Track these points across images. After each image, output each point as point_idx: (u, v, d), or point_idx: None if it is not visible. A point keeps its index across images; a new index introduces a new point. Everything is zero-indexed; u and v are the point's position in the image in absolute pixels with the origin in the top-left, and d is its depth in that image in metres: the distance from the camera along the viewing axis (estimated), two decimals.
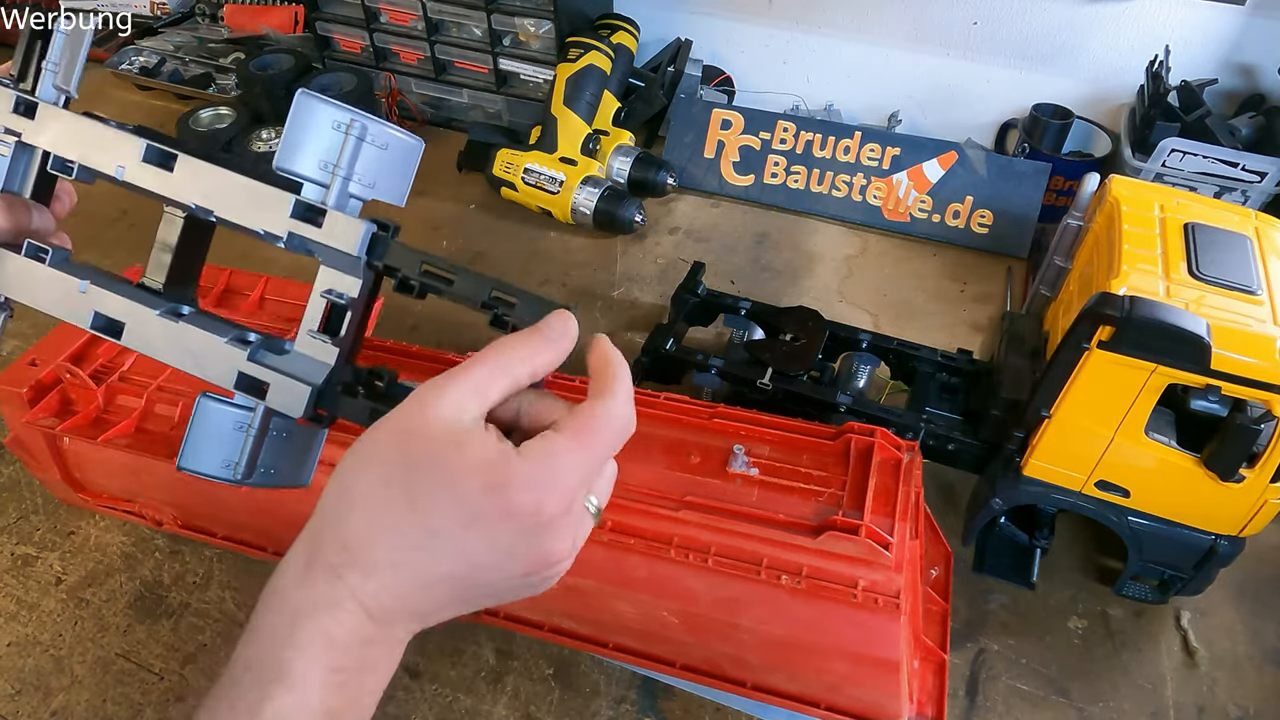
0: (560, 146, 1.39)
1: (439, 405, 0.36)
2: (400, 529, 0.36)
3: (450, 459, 0.35)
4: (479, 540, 0.36)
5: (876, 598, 0.67)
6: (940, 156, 1.40)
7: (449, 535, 0.36)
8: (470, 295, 0.41)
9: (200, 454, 0.42)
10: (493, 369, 0.38)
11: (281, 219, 0.41)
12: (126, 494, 0.93)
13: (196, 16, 1.94)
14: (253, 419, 0.42)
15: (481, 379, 0.37)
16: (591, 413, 0.38)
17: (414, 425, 0.36)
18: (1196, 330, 0.69)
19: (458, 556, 0.36)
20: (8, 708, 0.82)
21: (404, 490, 0.36)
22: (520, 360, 0.39)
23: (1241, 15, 1.29)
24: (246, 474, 0.42)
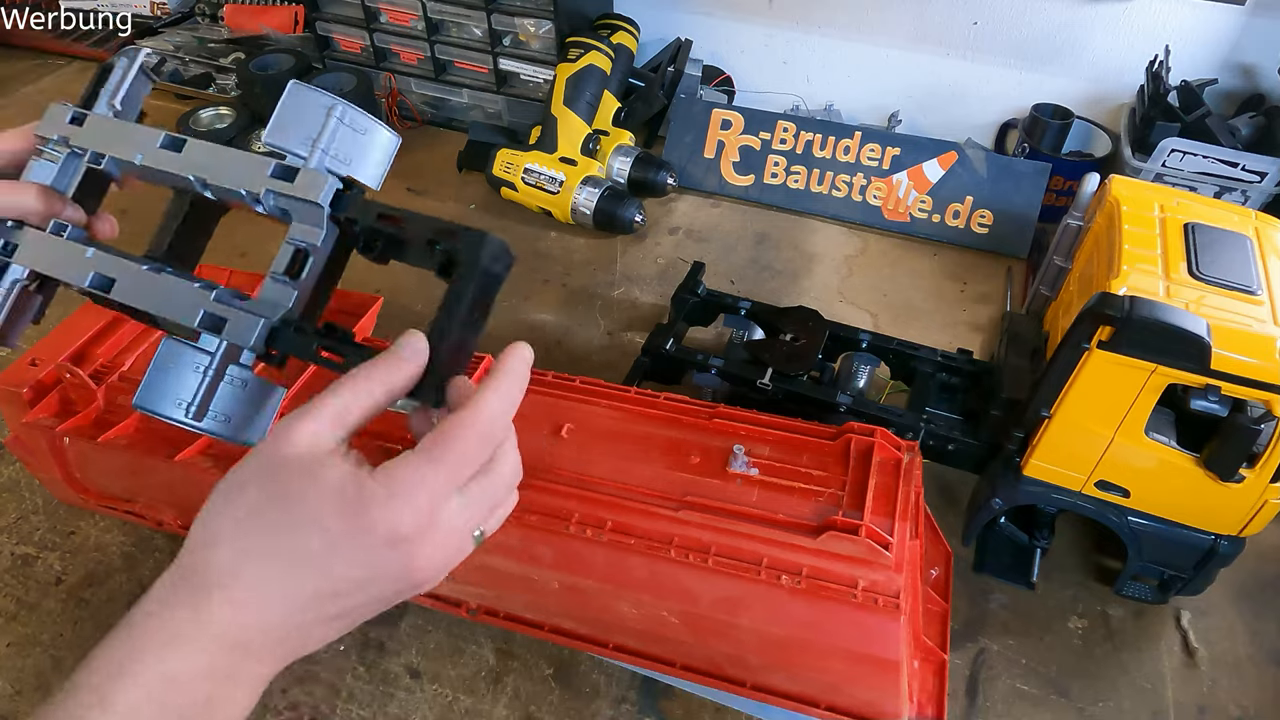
0: (560, 146, 1.39)
1: (298, 436, 0.37)
2: (266, 557, 0.37)
3: (308, 487, 0.37)
4: (342, 561, 0.37)
5: (876, 598, 0.67)
6: (940, 156, 1.40)
7: (313, 559, 0.37)
8: (417, 235, 0.43)
9: (156, 393, 0.43)
10: (347, 397, 0.39)
11: (262, 179, 0.45)
12: (126, 494, 0.93)
13: (196, 16, 1.94)
14: (211, 360, 0.43)
15: (337, 407, 0.38)
16: (444, 428, 0.39)
17: (275, 458, 0.37)
18: (1196, 330, 0.69)
19: (323, 578, 0.37)
20: (8, 708, 0.82)
21: (269, 520, 0.37)
22: (376, 383, 0.39)
23: (1241, 15, 1.29)
24: (198, 415, 0.43)
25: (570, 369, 0.88)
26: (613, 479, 0.76)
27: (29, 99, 1.82)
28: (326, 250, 0.45)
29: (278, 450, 0.38)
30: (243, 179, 0.45)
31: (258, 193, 0.45)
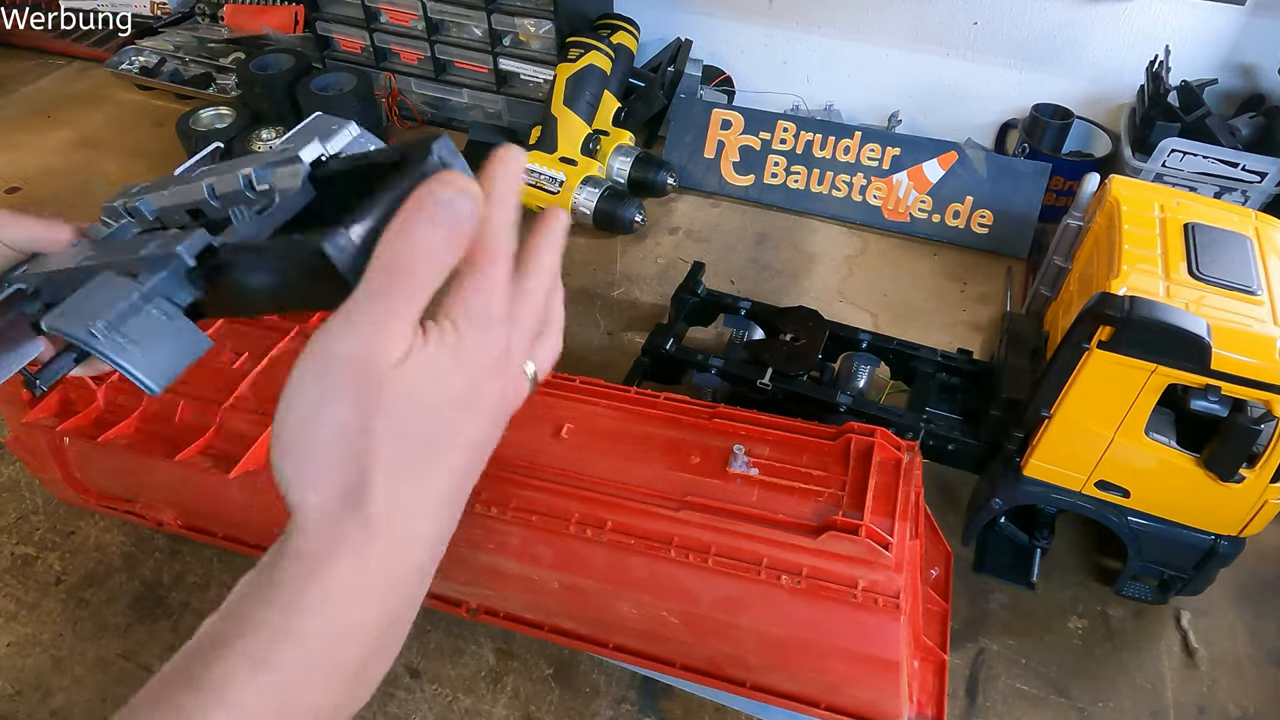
0: (560, 146, 1.39)
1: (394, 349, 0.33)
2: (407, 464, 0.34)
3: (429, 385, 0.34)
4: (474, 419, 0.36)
5: (876, 598, 0.67)
6: (940, 156, 1.40)
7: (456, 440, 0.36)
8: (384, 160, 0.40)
9: (70, 314, 0.39)
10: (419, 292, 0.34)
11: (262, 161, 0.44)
12: (126, 494, 0.93)
13: (196, 16, 1.94)
14: (141, 286, 0.40)
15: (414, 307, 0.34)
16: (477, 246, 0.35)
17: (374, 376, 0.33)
18: (1196, 330, 0.69)
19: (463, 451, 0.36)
20: (8, 708, 0.82)
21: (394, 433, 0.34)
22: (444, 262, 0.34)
23: (1241, 15, 1.29)
24: (104, 333, 0.38)
25: (570, 369, 0.88)
26: (613, 479, 0.76)
27: (29, 99, 1.82)
28: (297, 203, 0.42)
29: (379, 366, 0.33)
30: (242, 166, 0.45)
31: (250, 173, 0.44)
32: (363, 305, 0.33)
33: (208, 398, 0.84)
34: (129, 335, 0.39)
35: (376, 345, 0.33)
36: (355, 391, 0.33)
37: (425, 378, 0.34)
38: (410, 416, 0.34)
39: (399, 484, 0.34)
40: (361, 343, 0.33)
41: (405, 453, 0.34)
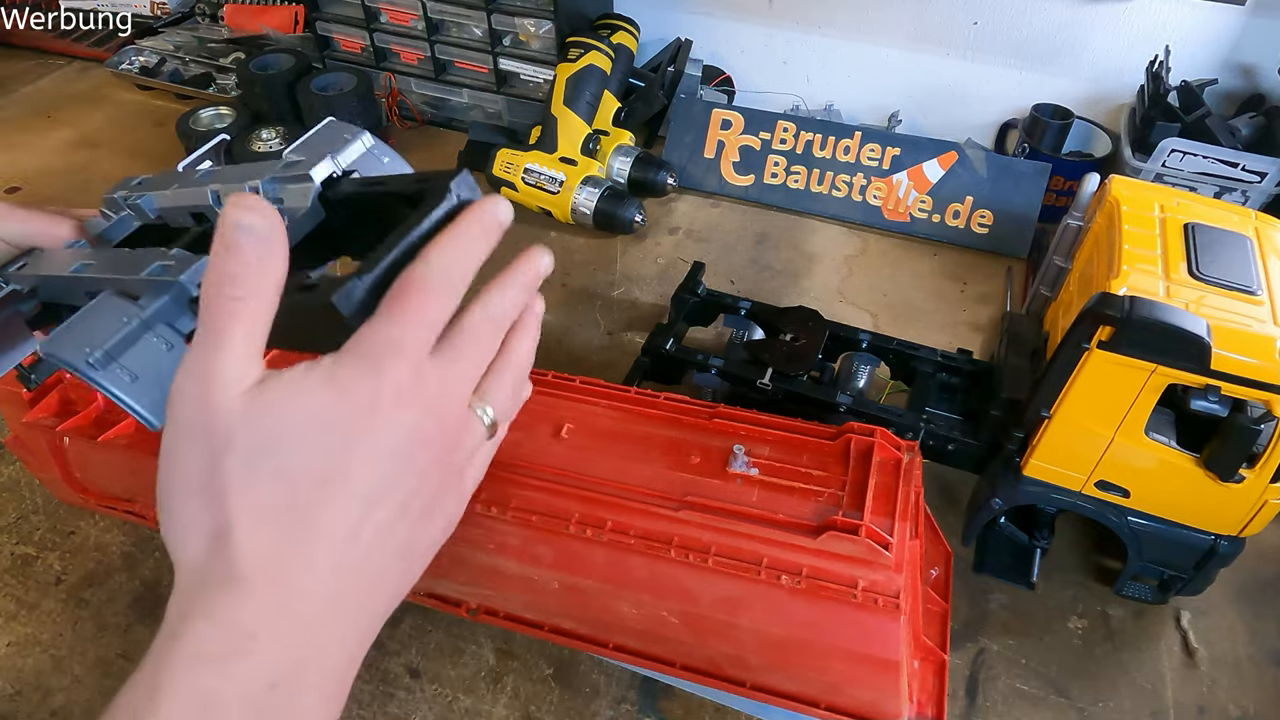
0: (560, 146, 1.39)
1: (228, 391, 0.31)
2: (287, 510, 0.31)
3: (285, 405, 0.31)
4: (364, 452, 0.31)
5: (876, 598, 0.67)
6: (940, 156, 1.40)
7: (336, 471, 0.31)
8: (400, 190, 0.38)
9: (67, 340, 0.37)
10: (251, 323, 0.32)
11: (268, 172, 0.42)
12: (126, 494, 0.93)
13: (196, 16, 1.94)
14: (143, 310, 0.38)
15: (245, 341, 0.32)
16: (403, 283, 0.32)
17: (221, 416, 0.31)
18: (1196, 330, 0.69)
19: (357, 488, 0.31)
20: (8, 708, 0.82)
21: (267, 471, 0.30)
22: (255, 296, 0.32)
23: (1241, 15, 1.29)
24: (101, 363, 0.36)
25: (570, 369, 0.88)
26: (613, 479, 0.76)
27: (29, 99, 1.82)
28: (306, 225, 0.41)
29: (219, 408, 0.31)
30: (251, 177, 0.44)
31: (258, 185, 0.43)
32: (197, 338, 0.32)
33: None
34: (128, 365, 0.37)
35: (212, 375, 0.31)
36: (199, 428, 0.31)
37: (284, 407, 0.31)
38: (268, 450, 0.31)
39: (268, 530, 0.30)
40: (197, 374, 0.31)
41: (272, 493, 0.31)
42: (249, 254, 0.31)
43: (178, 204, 0.47)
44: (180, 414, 0.32)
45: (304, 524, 0.31)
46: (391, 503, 0.33)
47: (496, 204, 0.35)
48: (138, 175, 0.51)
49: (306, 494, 0.31)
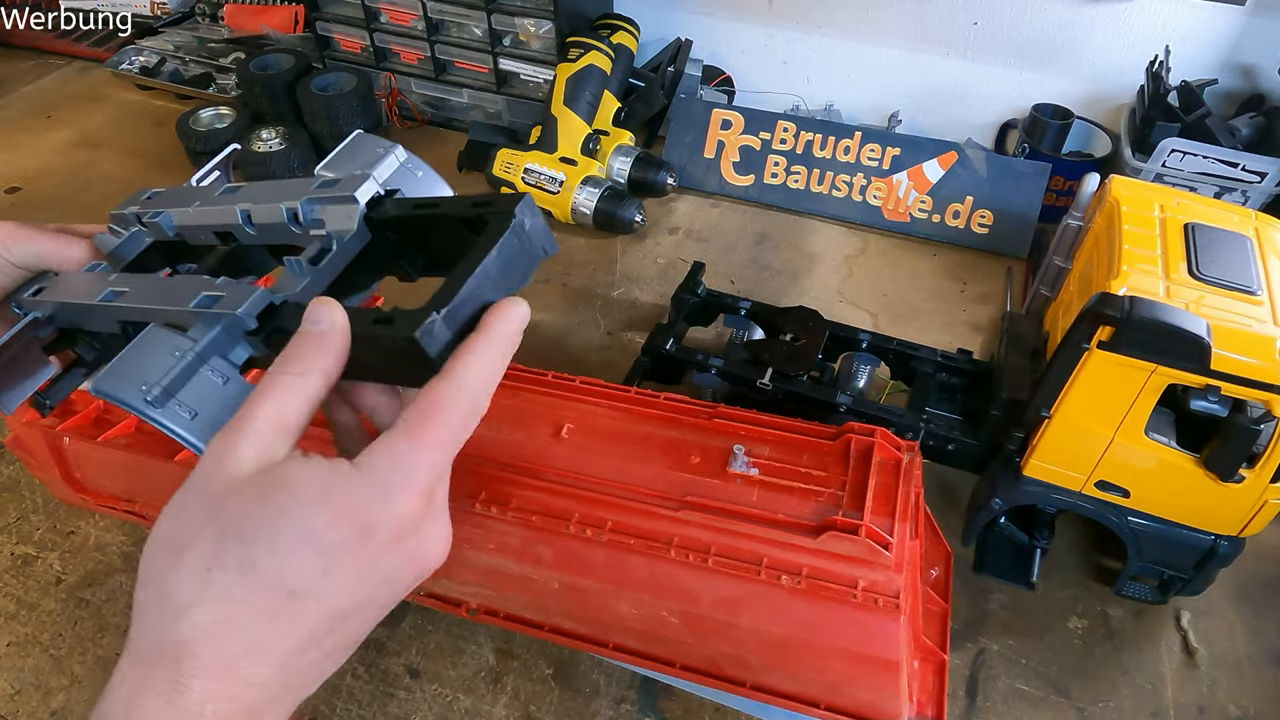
0: (560, 146, 1.39)
1: (240, 457, 0.32)
2: (249, 604, 0.30)
3: (281, 503, 0.31)
4: (347, 577, 0.32)
5: (876, 598, 0.67)
6: (940, 156, 1.40)
7: (309, 588, 0.31)
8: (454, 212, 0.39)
9: (119, 376, 0.37)
10: (278, 396, 0.33)
11: (304, 192, 0.42)
12: (126, 494, 0.93)
13: (196, 16, 1.94)
14: (195, 345, 0.37)
15: (272, 411, 0.33)
16: (428, 404, 0.33)
17: (223, 487, 0.31)
18: (1196, 330, 0.69)
19: (324, 608, 0.32)
20: (8, 708, 0.82)
21: (238, 561, 0.30)
22: (305, 375, 0.34)
23: (1241, 15, 1.29)
24: (159, 400, 0.36)
25: (570, 369, 0.88)
26: (613, 479, 0.76)
27: (29, 99, 1.82)
28: (353, 249, 0.41)
29: (222, 477, 0.32)
30: (285, 196, 0.42)
31: (296, 206, 0.42)
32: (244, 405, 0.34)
33: None
34: (186, 401, 0.37)
35: (236, 438, 0.32)
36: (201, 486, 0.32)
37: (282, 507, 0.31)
38: (248, 542, 0.31)
39: (223, 618, 0.30)
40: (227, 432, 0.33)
41: (238, 584, 0.31)
42: (311, 342, 0.34)
43: (201, 222, 0.46)
44: (197, 469, 0.33)
45: (260, 624, 0.31)
46: (351, 621, 0.33)
47: (520, 308, 0.36)
48: (147, 189, 0.50)
49: (271, 599, 0.31)
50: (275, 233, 0.43)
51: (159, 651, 0.31)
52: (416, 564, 0.34)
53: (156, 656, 0.31)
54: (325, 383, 0.34)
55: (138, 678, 0.30)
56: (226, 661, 0.30)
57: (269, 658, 0.31)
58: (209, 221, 0.46)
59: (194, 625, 0.30)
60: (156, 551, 0.32)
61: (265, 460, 0.32)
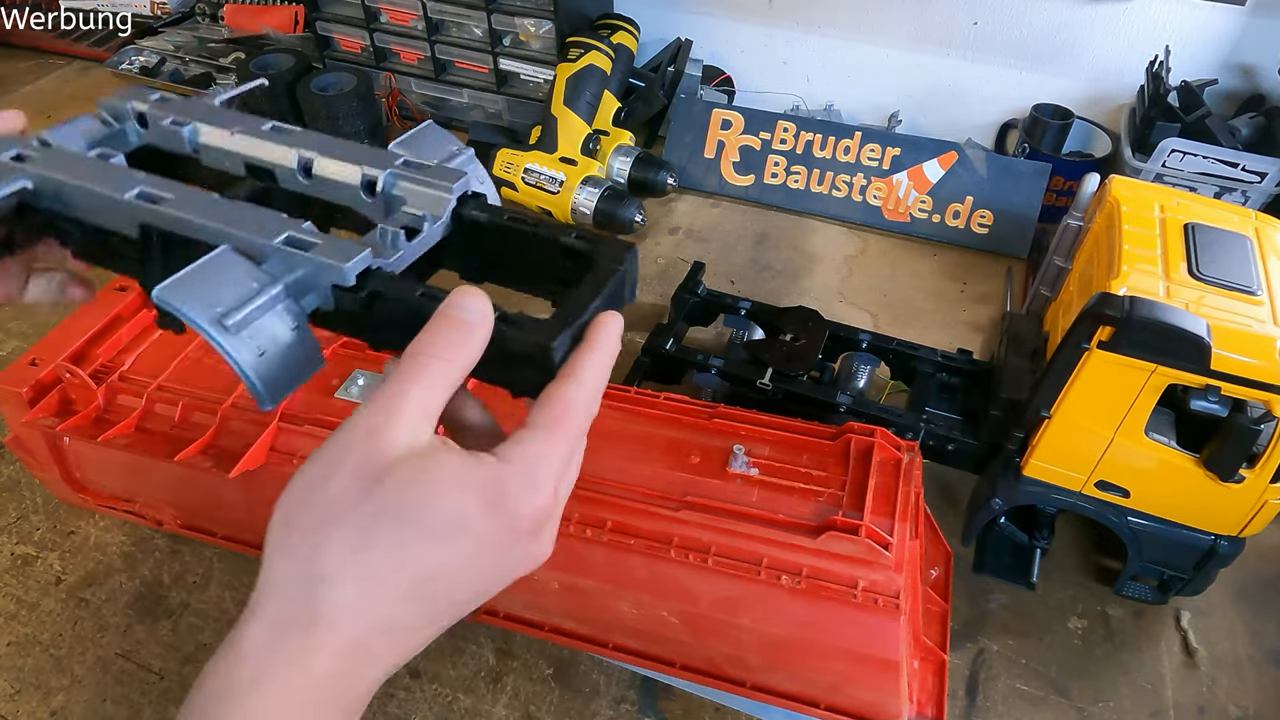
0: (560, 146, 1.39)
1: (395, 437, 0.32)
2: (393, 585, 0.32)
3: (437, 489, 0.32)
4: (482, 567, 0.33)
5: (876, 598, 0.67)
6: (940, 156, 1.40)
7: (450, 574, 0.33)
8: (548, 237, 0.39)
9: (188, 290, 0.34)
10: (429, 380, 0.34)
11: (387, 162, 0.41)
12: (126, 494, 0.93)
13: (196, 16, 1.94)
14: (278, 282, 0.35)
15: (423, 394, 0.33)
16: (557, 404, 0.35)
17: (376, 465, 0.32)
18: (1196, 330, 0.69)
19: (456, 593, 0.33)
20: (8, 708, 0.82)
21: (391, 543, 0.31)
22: (451, 360, 0.34)
23: (1241, 15, 1.29)
24: (234, 327, 0.34)
25: None
26: (613, 479, 0.76)
27: (29, 99, 1.82)
28: (436, 237, 0.40)
29: (375, 456, 0.32)
30: (358, 160, 0.41)
31: (378, 176, 0.40)
32: (387, 384, 0.34)
33: (208, 398, 0.84)
34: (257, 337, 0.35)
35: (392, 419, 0.33)
36: (357, 461, 0.32)
37: (438, 494, 0.32)
38: (402, 523, 0.32)
39: (361, 595, 0.32)
40: (380, 412, 0.33)
41: (381, 563, 0.32)
42: (460, 330, 0.34)
43: (240, 150, 0.43)
44: (347, 440, 0.33)
45: (399, 604, 0.32)
46: (468, 606, 0.35)
47: (620, 321, 0.38)
48: (149, 89, 0.47)
49: (414, 582, 0.32)
50: (335, 191, 0.42)
51: (295, 621, 0.31)
52: (536, 558, 0.35)
53: (292, 625, 0.31)
54: (463, 374, 0.35)
55: (272, 646, 0.31)
56: (360, 638, 0.31)
57: (397, 636, 0.33)
58: (251, 153, 0.43)
59: (337, 601, 0.31)
60: (301, 519, 0.32)
61: (414, 444, 0.33)
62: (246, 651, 0.31)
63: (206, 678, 0.32)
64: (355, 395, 0.84)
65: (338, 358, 0.88)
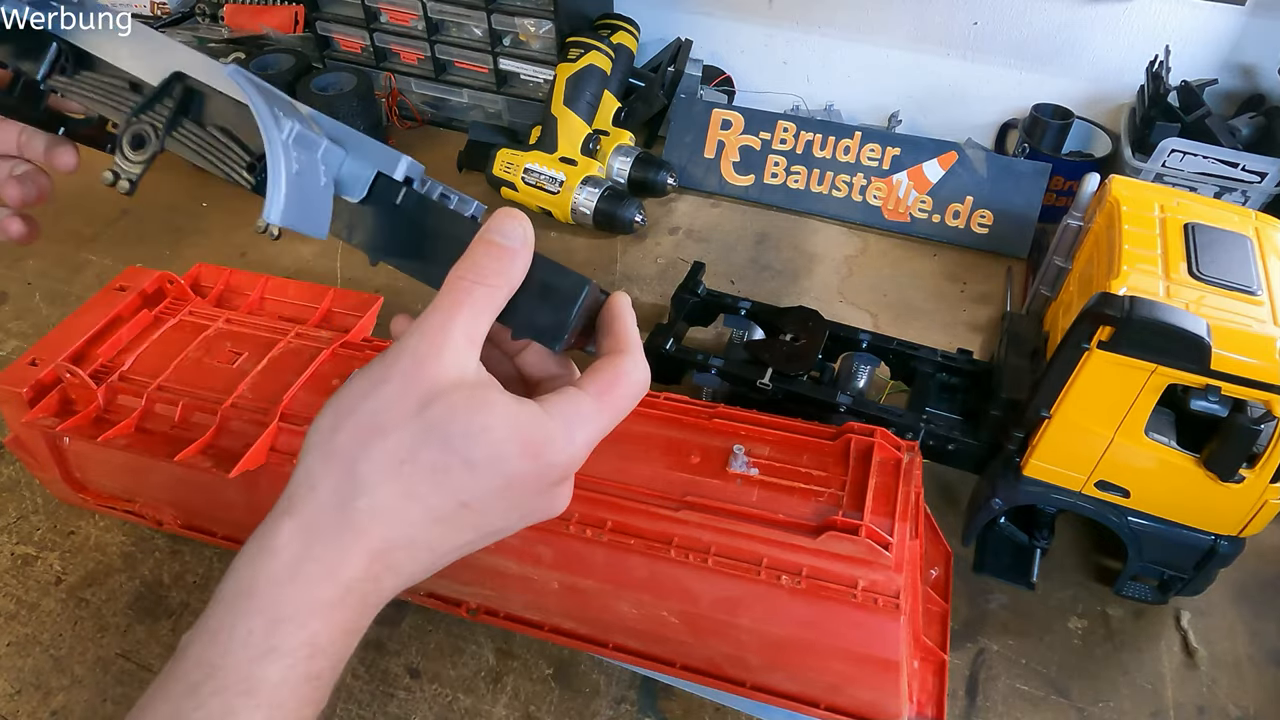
0: (560, 146, 1.39)
1: (443, 361, 0.33)
2: (426, 504, 0.33)
3: (484, 422, 0.33)
4: (510, 504, 0.35)
5: (876, 598, 0.67)
6: (940, 156, 1.40)
7: (480, 505, 0.34)
8: None
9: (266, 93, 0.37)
10: (475, 306, 0.35)
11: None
12: (126, 494, 0.94)
13: (196, 16, 1.94)
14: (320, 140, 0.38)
15: (469, 320, 0.34)
16: (617, 371, 0.37)
17: (426, 386, 0.33)
18: (1196, 330, 0.69)
19: (482, 526, 0.35)
20: (8, 708, 0.82)
21: (432, 463, 0.33)
22: (496, 286, 0.35)
23: (1241, 15, 1.29)
24: (293, 142, 0.36)
25: None
26: (613, 479, 0.76)
27: None
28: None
29: (426, 377, 0.33)
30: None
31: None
32: (433, 308, 0.34)
33: (208, 398, 0.84)
34: (299, 161, 0.37)
35: (444, 343, 0.33)
36: (408, 382, 0.33)
37: (486, 426, 0.33)
38: (447, 449, 0.33)
39: (398, 510, 0.33)
40: (429, 335, 0.34)
41: (420, 483, 0.33)
42: (505, 256, 0.35)
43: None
44: (397, 362, 0.34)
45: (428, 524, 0.34)
46: (490, 540, 0.37)
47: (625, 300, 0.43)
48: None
49: (446, 505, 0.34)
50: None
51: (329, 522, 0.33)
52: (554, 510, 0.37)
53: (326, 526, 0.33)
54: (507, 299, 0.36)
55: (304, 543, 0.33)
56: (388, 548, 0.33)
57: (420, 554, 0.34)
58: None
59: (372, 509, 0.32)
60: (345, 426, 0.33)
61: (460, 369, 0.34)
62: (279, 548, 0.33)
63: (238, 571, 0.33)
64: None
65: (337, 358, 0.88)
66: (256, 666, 0.32)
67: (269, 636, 0.32)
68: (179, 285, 0.98)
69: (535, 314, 0.38)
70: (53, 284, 1.30)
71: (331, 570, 0.32)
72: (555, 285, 0.39)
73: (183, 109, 0.42)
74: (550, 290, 0.38)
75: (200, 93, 0.42)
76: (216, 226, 1.42)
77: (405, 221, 0.40)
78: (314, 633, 0.33)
